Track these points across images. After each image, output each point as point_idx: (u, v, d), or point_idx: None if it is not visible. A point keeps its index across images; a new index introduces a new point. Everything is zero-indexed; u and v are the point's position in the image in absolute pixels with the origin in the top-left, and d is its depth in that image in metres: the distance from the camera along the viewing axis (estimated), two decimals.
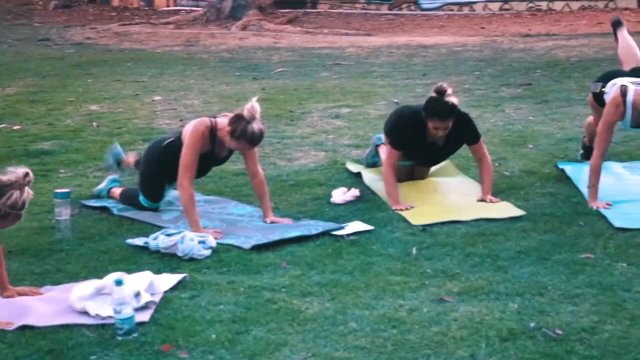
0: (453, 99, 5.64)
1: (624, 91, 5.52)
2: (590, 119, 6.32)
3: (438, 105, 5.62)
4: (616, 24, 6.48)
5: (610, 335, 3.71)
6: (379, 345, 3.72)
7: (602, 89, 5.84)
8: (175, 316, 4.05)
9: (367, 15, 20.44)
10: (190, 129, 5.38)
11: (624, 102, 5.50)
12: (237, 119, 5.24)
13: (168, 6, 22.59)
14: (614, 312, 3.94)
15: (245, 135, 5.22)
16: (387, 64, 12.10)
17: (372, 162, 6.50)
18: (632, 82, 5.58)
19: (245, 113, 5.21)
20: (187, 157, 5.30)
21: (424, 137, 5.78)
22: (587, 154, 6.34)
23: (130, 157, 6.13)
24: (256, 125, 5.23)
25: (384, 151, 6.35)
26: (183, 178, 5.25)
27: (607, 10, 19.06)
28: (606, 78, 5.94)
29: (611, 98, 5.58)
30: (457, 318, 3.95)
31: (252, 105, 5.22)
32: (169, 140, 5.60)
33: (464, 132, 5.82)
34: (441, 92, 5.64)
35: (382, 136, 6.58)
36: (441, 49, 13.46)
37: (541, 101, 8.95)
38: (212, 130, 5.35)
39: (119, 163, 6.20)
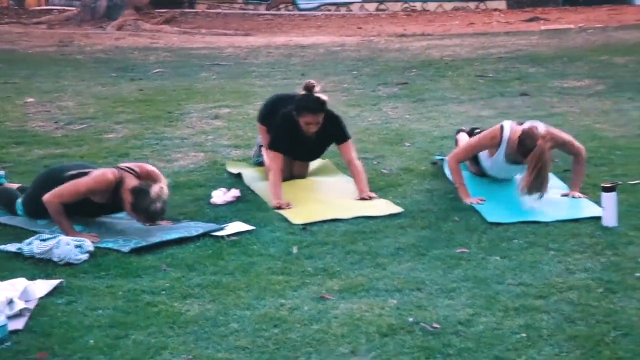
0: (322, 95, 5.88)
1: (501, 126, 5.73)
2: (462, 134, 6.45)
3: (308, 101, 5.86)
4: None
5: (485, 327, 3.81)
6: (261, 345, 3.73)
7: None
8: (52, 323, 3.96)
9: (245, 15, 20.44)
10: (98, 172, 5.18)
11: (501, 136, 5.67)
12: (142, 194, 5.02)
13: (39, 5, 22.04)
14: (488, 304, 4.06)
15: (146, 212, 5.05)
16: (266, 64, 12.12)
17: (258, 162, 6.52)
18: (512, 122, 5.77)
19: (152, 193, 5.01)
20: (72, 189, 5.09)
21: (299, 132, 5.93)
22: None
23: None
24: (159, 205, 5.04)
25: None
26: (53, 196, 5.06)
27: (478, 11, 19.58)
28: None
29: (490, 130, 5.82)
30: (337, 315, 3.99)
31: (162, 188, 5.05)
32: (72, 173, 5.26)
33: (333, 130, 6.00)
34: (310, 88, 5.87)
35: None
36: (319, 48, 13.57)
37: (417, 100, 9.13)
38: (117, 184, 5.13)
39: None
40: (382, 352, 3.63)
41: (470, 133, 6.34)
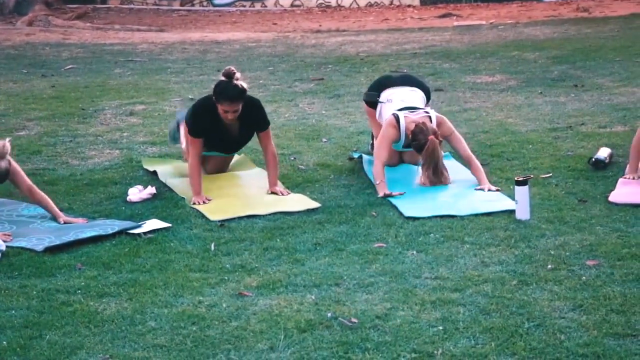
0: (242, 83, 5.72)
1: (396, 118, 5.90)
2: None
3: (227, 88, 5.68)
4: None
5: (402, 321, 3.85)
6: (179, 343, 3.70)
7: (378, 99, 6.22)
8: None
9: (159, 11, 20.22)
10: None
11: (399, 127, 5.87)
12: None
13: None
14: (405, 298, 4.10)
15: None
16: (181, 60, 12.02)
17: (174, 139, 6.49)
18: (400, 110, 5.95)
19: None
20: None
21: (220, 121, 5.81)
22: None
23: None
24: (3, 164, 5.10)
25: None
26: None
27: (392, 7, 19.75)
28: (378, 87, 6.32)
29: (387, 122, 5.94)
30: (256, 312, 3.99)
31: (4, 145, 5.09)
32: None
33: (255, 117, 5.90)
34: (230, 76, 5.70)
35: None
36: (235, 44, 13.51)
37: (333, 95, 9.16)
38: None
39: None
40: (301, 347, 3.64)
41: None
